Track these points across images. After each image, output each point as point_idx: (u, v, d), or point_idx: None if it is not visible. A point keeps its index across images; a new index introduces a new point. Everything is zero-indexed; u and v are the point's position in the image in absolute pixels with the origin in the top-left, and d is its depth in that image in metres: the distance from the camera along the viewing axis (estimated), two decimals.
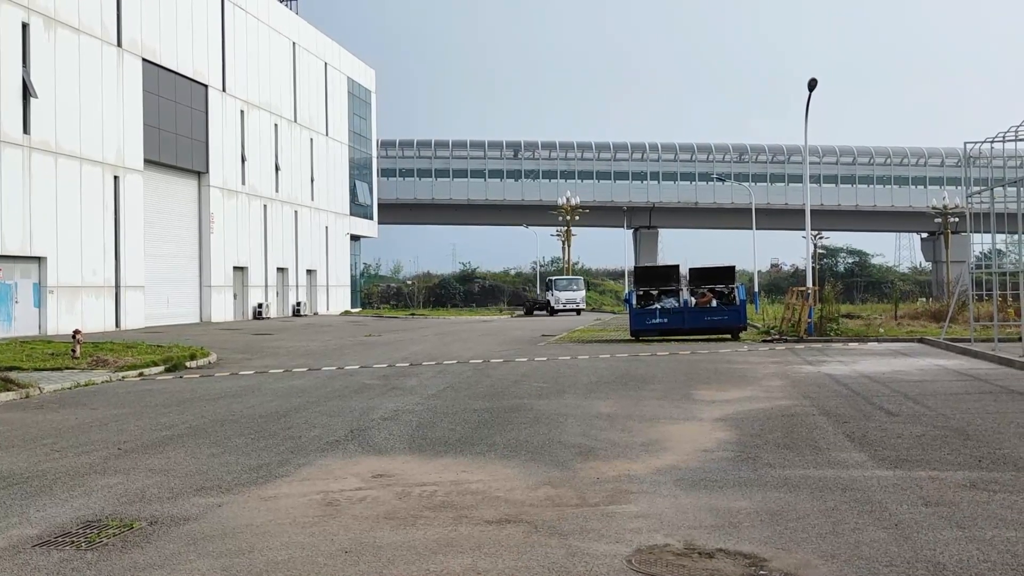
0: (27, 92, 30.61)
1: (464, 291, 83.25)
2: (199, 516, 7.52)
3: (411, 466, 9.45)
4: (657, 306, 29.50)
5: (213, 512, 7.65)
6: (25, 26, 30.74)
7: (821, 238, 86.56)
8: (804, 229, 33.70)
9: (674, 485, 8.37)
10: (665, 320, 29.17)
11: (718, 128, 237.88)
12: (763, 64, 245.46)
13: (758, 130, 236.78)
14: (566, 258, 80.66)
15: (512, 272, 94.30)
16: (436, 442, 10.85)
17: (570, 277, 64.79)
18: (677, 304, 29.62)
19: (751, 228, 63.48)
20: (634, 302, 29.88)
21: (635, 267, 37.00)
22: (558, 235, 79.88)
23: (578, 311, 60.77)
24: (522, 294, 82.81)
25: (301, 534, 6.92)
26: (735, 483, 8.45)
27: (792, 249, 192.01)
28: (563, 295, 61.29)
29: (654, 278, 31.27)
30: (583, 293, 63.34)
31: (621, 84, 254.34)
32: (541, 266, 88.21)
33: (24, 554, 6.52)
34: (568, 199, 74.85)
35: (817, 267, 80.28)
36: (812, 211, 35.26)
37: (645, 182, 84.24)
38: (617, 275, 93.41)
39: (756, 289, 60.69)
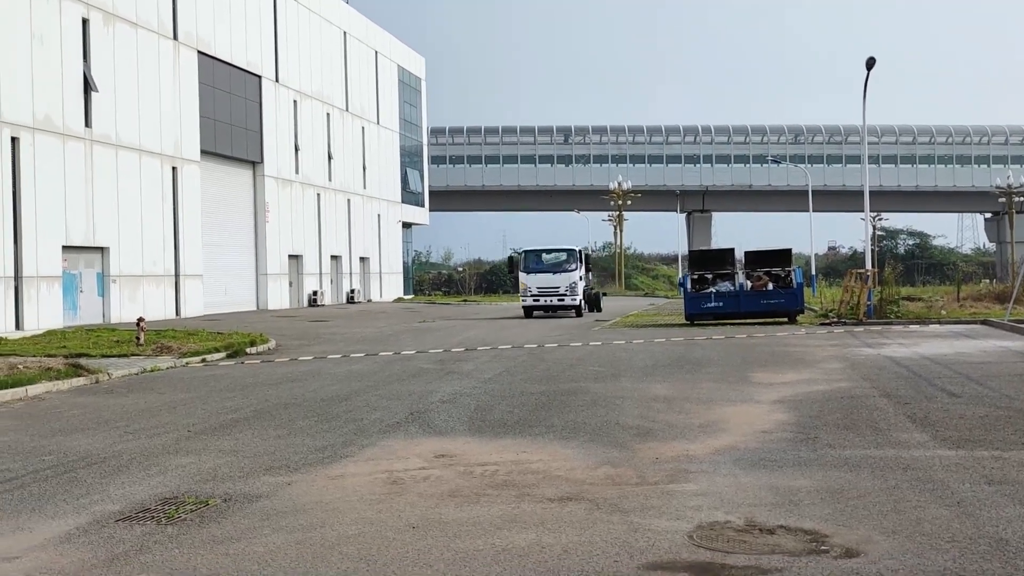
0: (88, 86, 31.30)
1: (515, 277, 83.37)
2: (270, 494, 7.77)
3: (472, 447, 9.63)
4: (712, 290, 29.35)
5: (283, 490, 7.90)
6: (85, 21, 31.42)
7: (880, 220, 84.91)
8: (862, 211, 33.24)
9: (733, 465, 8.43)
10: (720, 304, 29.01)
11: (773, 109, 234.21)
12: (819, 43, 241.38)
13: (814, 111, 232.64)
14: (618, 243, 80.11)
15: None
16: (495, 424, 11.01)
17: (554, 248, 37.43)
18: (732, 288, 29.44)
19: (807, 210, 62.65)
20: (688, 286, 29.76)
21: (689, 251, 37.03)
22: (610, 220, 79.38)
23: (574, 308, 35.46)
24: None
25: (369, 511, 7.13)
26: (795, 463, 8.48)
27: (850, 231, 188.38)
28: (535, 281, 35.16)
29: (709, 262, 31.09)
30: (579, 276, 35.39)
31: (671, 66, 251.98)
32: (593, 251, 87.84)
33: (108, 528, 6.82)
34: (619, 184, 74.34)
35: (876, 249, 78.83)
36: (871, 192, 34.75)
37: (698, 165, 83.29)
38: (670, 260, 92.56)
39: (813, 272, 59.93)
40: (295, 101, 47.53)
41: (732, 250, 32.08)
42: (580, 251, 36.43)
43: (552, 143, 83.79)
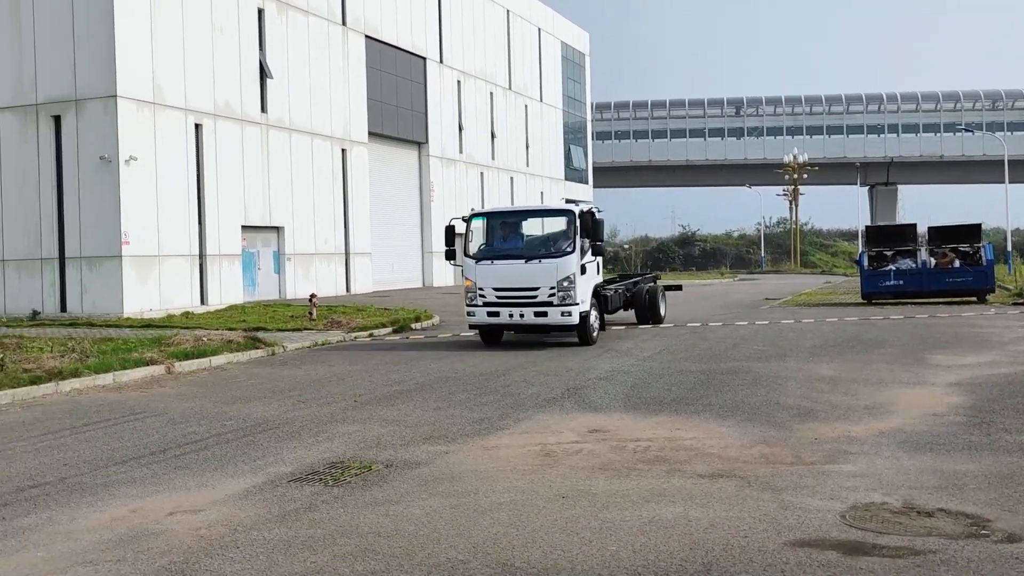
0: (264, 74, 32.87)
1: (683, 255, 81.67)
2: (428, 461, 8.12)
3: (626, 423, 9.70)
4: (891, 267, 28.11)
5: (441, 458, 8.23)
6: (260, 11, 32.97)
7: None
8: None
9: (897, 447, 8.18)
10: (900, 282, 27.78)
11: (962, 74, 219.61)
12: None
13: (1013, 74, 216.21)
14: (793, 218, 77.35)
15: (735, 234, 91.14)
16: (651, 401, 11.03)
17: (529, 210, 23.32)
18: (914, 265, 28.12)
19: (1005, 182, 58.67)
20: (865, 263, 28.66)
21: (867, 227, 35.21)
22: (784, 194, 76.73)
23: (573, 328, 17.81)
24: (745, 257, 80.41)
25: (521, 480, 7.35)
26: (964, 447, 8.15)
27: None
28: (494, 276, 17.72)
29: (888, 238, 29.80)
30: (577, 263, 17.44)
31: (849, 31, 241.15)
32: (766, 227, 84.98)
33: (281, 488, 7.35)
34: (795, 156, 71.75)
35: None
36: None
37: (882, 135, 78.90)
38: (851, 236, 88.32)
39: (1009, 248, 56.31)
40: (459, 81, 48.38)
41: (914, 225, 30.61)
42: (581, 214, 18.06)
43: (723, 115, 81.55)
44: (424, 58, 44.94)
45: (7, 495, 7.40)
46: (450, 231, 19.12)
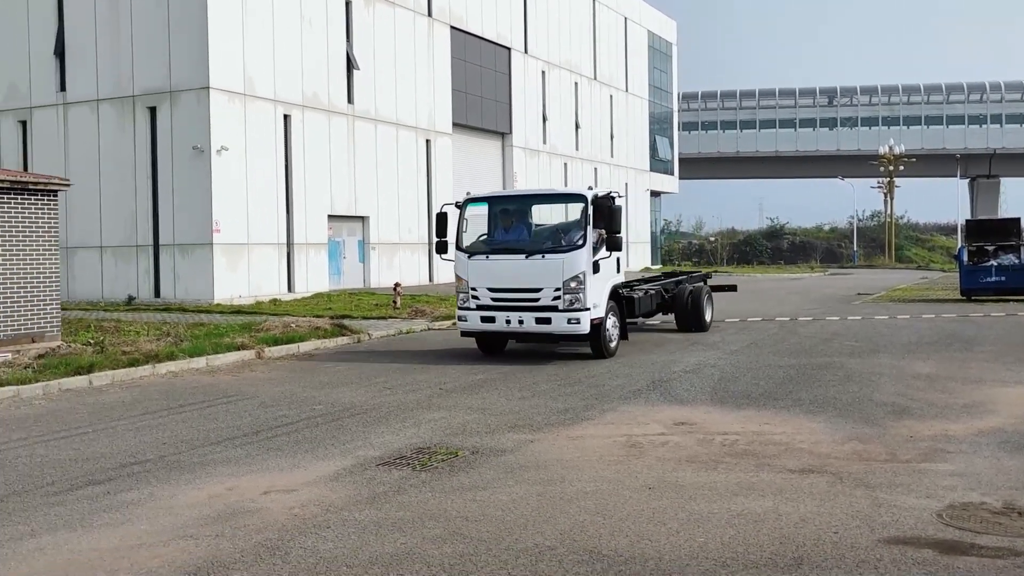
0: (350, 65, 33.32)
1: (771, 248, 80.00)
2: (514, 449, 8.17)
3: (712, 416, 9.60)
4: (993, 263, 27.26)
5: (526, 447, 8.27)
6: (348, 3, 33.42)
7: None
8: None
9: (997, 447, 7.95)
10: (1002, 278, 26.92)
11: None
12: None
13: None
14: (888, 212, 75.06)
15: (825, 228, 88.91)
16: (738, 395, 10.90)
17: (533, 193, 18.30)
18: (1017, 261, 27.23)
19: None
20: (965, 258, 27.84)
21: (967, 221, 34.05)
22: (879, 187, 74.53)
23: (584, 337, 14.53)
24: (836, 251, 78.48)
25: (607, 470, 7.34)
26: None
27: None
28: (489, 274, 14.76)
29: (989, 232, 28.87)
30: (587, 260, 14.27)
31: (950, 19, 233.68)
32: (859, 221, 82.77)
33: (370, 471, 7.49)
34: (891, 147, 69.66)
35: None
36: None
37: (984, 126, 76.00)
38: (949, 230, 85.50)
39: None
40: (543, 71, 48.34)
41: (1017, 219, 29.56)
42: (596, 200, 14.65)
43: (815, 105, 79.61)
44: (509, 48, 44.99)
45: (111, 471, 7.71)
46: (442, 219, 15.67)
